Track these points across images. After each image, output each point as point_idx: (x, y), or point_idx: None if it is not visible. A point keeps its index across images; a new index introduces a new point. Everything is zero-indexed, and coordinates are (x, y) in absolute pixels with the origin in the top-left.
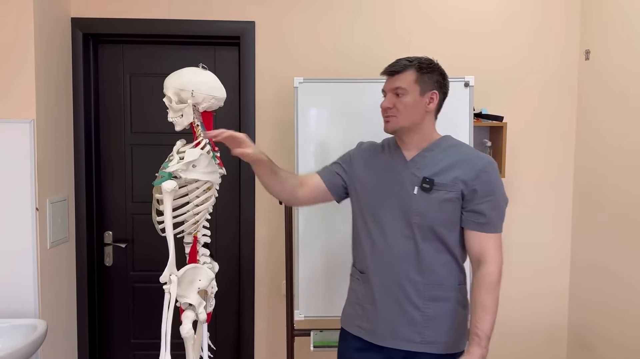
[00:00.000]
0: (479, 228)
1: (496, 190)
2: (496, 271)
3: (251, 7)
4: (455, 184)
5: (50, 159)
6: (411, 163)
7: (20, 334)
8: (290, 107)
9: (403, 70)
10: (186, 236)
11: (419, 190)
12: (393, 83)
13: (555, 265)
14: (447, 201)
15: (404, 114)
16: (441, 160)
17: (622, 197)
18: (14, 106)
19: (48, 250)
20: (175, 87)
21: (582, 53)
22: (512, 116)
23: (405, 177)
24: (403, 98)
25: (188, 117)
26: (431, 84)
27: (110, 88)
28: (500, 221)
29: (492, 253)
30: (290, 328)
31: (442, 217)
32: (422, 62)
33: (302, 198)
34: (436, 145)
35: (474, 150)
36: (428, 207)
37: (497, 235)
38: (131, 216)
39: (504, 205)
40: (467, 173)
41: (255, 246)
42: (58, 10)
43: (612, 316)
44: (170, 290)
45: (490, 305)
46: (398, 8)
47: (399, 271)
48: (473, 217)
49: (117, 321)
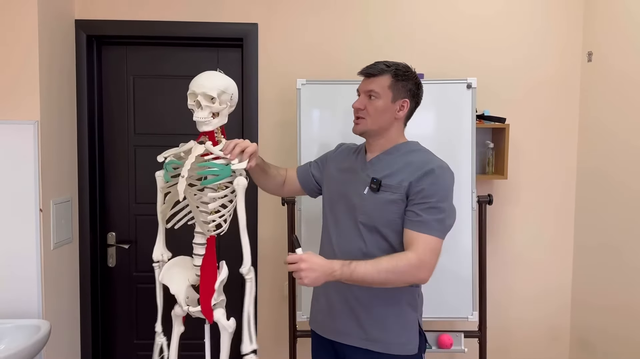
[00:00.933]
0: (411, 226)
1: (436, 194)
2: (413, 259)
3: (254, 9)
4: (400, 186)
5: (54, 160)
6: (369, 165)
7: (23, 334)
8: (292, 108)
9: (379, 74)
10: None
11: (368, 190)
12: (367, 86)
13: (558, 266)
14: (391, 202)
15: (373, 117)
16: (395, 164)
17: (624, 198)
18: (18, 107)
19: (52, 251)
20: (219, 88)
21: (584, 55)
22: (515, 118)
23: (361, 177)
24: (374, 102)
25: (223, 118)
26: (404, 92)
27: (113, 89)
28: (436, 224)
29: (420, 249)
30: (293, 329)
31: (386, 218)
32: (398, 69)
33: (286, 191)
34: (396, 149)
35: (434, 156)
36: (374, 207)
37: (430, 237)
38: (134, 217)
39: (446, 213)
40: (412, 175)
41: (257, 247)
42: (62, 12)
43: (615, 317)
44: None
45: (382, 267)
46: (401, 10)
47: None
48: (409, 216)
49: (120, 322)
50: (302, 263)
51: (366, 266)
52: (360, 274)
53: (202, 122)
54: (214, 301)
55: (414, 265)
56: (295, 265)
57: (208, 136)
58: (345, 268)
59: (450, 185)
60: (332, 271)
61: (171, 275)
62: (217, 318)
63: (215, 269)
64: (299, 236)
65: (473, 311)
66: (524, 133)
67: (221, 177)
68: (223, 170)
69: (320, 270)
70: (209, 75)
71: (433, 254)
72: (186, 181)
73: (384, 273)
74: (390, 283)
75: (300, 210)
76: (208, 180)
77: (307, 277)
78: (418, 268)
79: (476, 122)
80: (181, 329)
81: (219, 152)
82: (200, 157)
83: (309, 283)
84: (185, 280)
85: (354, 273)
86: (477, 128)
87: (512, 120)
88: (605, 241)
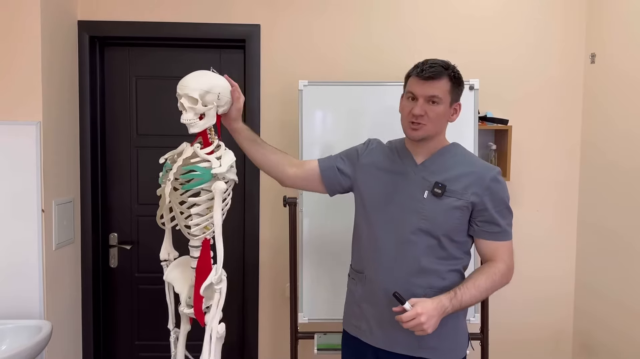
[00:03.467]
0: (493, 237)
1: (506, 200)
2: (503, 269)
3: (256, 10)
4: (465, 192)
5: (56, 161)
6: (422, 167)
7: (25, 335)
8: (295, 109)
9: (439, 77)
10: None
11: (429, 194)
12: (429, 90)
13: (561, 269)
14: (456, 208)
15: (435, 123)
16: (451, 167)
17: (628, 200)
18: (20, 108)
19: (53, 252)
20: (202, 89)
21: (587, 56)
22: (518, 119)
23: (416, 180)
24: (436, 107)
25: (211, 119)
26: (458, 95)
27: (116, 90)
28: (510, 228)
29: (504, 258)
30: (294, 330)
31: (449, 223)
32: (454, 71)
33: (292, 177)
34: (447, 150)
35: (482, 160)
36: (437, 212)
37: (509, 242)
38: (136, 218)
39: (512, 213)
40: (478, 184)
41: (259, 249)
42: (65, 13)
43: (619, 321)
44: (221, 290)
45: (483, 287)
46: (403, 11)
47: (400, 275)
48: (486, 227)
49: (122, 323)
50: (422, 317)
51: (470, 291)
52: (467, 302)
53: (188, 124)
54: (206, 304)
55: (506, 274)
56: (415, 321)
57: (201, 137)
58: (455, 301)
59: (506, 187)
60: (444, 309)
61: (175, 274)
62: (208, 321)
63: (209, 272)
64: (300, 239)
65: (475, 314)
66: (526, 135)
67: (204, 181)
68: (204, 174)
69: (436, 313)
70: (193, 76)
71: (512, 255)
72: (171, 184)
73: (485, 292)
74: (488, 296)
75: (302, 211)
76: (189, 183)
77: (429, 327)
78: (509, 274)
79: (479, 123)
80: (187, 328)
81: (204, 155)
82: (187, 160)
83: (432, 331)
84: (188, 279)
85: (462, 303)
86: (480, 130)
87: (515, 122)
88: (608, 244)
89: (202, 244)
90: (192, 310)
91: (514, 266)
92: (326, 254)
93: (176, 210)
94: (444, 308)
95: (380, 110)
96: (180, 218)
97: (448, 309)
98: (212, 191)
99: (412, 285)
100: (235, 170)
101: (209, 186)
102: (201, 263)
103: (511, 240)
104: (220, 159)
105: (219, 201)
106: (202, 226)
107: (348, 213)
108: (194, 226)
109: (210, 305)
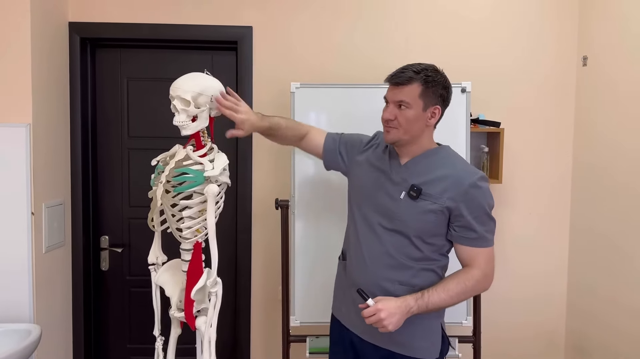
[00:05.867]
0: (470, 243)
1: (485, 206)
2: (478, 275)
3: (249, 12)
4: (441, 197)
5: (47, 163)
6: (404, 168)
7: (13, 339)
8: (287, 111)
9: (408, 82)
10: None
11: (405, 195)
12: (396, 96)
13: (553, 271)
14: (430, 212)
15: (405, 127)
16: (433, 170)
17: (620, 202)
18: (10, 110)
19: (44, 255)
20: (194, 91)
21: (579, 59)
22: (510, 122)
23: (396, 181)
24: (405, 112)
25: (203, 121)
26: (434, 99)
27: (107, 92)
28: (489, 235)
29: (481, 264)
30: (286, 334)
31: (422, 226)
32: (428, 75)
33: (303, 147)
34: (433, 153)
35: (469, 165)
36: (410, 214)
37: (487, 249)
38: (127, 220)
39: (493, 220)
40: (455, 188)
41: (251, 252)
42: (55, 14)
43: (611, 322)
44: (217, 293)
45: (453, 291)
46: (396, 14)
47: (375, 270)
48: (463, 233)
49: (113, 326)
50: (381, 313)
51: (439, 294)
52: (434, 304)
53: (181, 127)
54: (196, 308)
55: (481, 280)
56: (375, 317)
57: (194, 139)
58: (420, 302)
59: (490, 193)
60: (408, 308)
61: (166, 278)
62: (199, 326)
63: (201, 275)
64: (292, 241)
65: (467, 316)
66: (519, 137)
67: (196, 184)
68: (197, 177)
69: (398, 311)
70: (186, 78)
71: (492, 262)
72: (164, 187)
73: (456, 297)
74: (461, 301)
75: (295, 214)
76: (182, 186)
77: (390, 324)
78: (484, 281)
79: (471, 126)
80: (178, 332)
81: (197, 157)
82: (180, 162)
83: (393, 328)
84: (179, 283)
85: (429, 305)
86: (472, 133)
87: (507, 125)
88: (600, 245)
89: (193, 247)
90: (182, 314)
91: (493, 274)
92: (318, 257)
93: (168, 213)
94: (408, 307)
95: (372, 112)
96: (172, 221)
97: (413, 309)
98: (204, 194)
99: (382, 279)
100: (228, 173)
101: (201, 189)
102: (192, 267)
103: (491, 247)
104: (213, 162)
105: (212, 205)
106: (194, 229)
107: (340, 215)
108: (185, 229)
109: (201, 309)
